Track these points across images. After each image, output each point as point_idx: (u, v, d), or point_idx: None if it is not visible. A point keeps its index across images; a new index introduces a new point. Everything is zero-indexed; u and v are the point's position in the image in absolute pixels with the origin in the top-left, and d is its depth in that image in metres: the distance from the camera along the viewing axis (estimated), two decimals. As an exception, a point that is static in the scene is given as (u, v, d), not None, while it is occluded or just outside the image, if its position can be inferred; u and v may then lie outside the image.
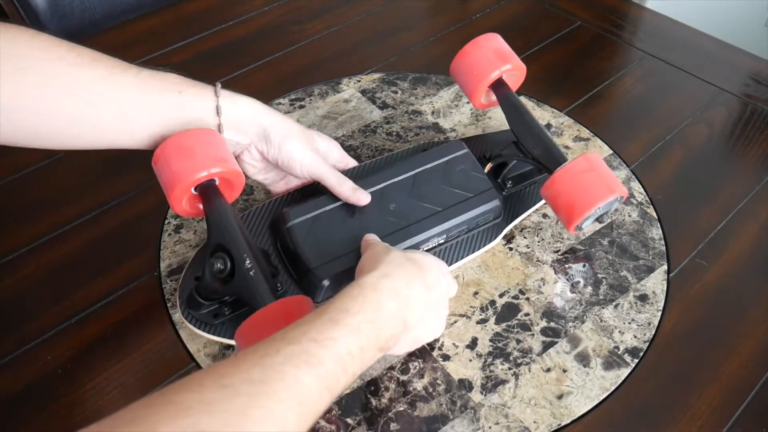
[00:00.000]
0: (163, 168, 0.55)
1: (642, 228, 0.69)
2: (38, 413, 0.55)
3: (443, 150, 0.67)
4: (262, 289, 0.52)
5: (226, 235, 0.54)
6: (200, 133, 0.56)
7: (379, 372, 0.57)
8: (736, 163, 0.78)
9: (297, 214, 0.61)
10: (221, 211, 0.55)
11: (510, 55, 0.68)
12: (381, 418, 0.54)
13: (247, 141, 0.61)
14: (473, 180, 0.66)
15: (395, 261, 0.50)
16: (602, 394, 0.56)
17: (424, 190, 0.64)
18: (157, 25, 0.97)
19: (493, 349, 0.59)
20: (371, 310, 0.45)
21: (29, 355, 0.58)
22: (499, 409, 0.55)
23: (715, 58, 0.92)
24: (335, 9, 1.00)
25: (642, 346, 0.59)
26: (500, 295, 0.63)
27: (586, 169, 0.61)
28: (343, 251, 0.59)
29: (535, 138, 0.65)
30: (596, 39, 0.95)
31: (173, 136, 0.55)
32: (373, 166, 0.69)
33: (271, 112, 0.61)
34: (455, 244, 0.65)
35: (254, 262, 0.53)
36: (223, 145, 0.57)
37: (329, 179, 0.62)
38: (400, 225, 0.62)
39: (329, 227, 0.61)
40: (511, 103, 0.67)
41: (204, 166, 0.54)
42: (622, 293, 0.63)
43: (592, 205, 0.60)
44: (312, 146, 0.62)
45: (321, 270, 0.58)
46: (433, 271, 0.52)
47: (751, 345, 0.60)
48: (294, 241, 0.60)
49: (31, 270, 0.65)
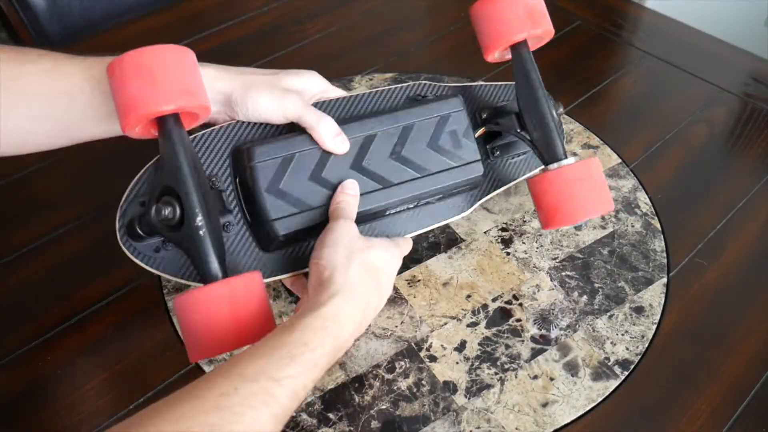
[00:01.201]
0: (117, 87, 0.47)
1: (644, 239, 0.68)
2: (38, 413, 0.55)
3: (438, 106, 0.61)
4: (209, 254, 0.48)
5: (179, 183, 0.48)
6: (167, 52, 0.47)
7: (365, 369, 0.57)
8: (736, 163, 0.78)
9: (263, 153, 0.54)
10: (178, 152, 0.48)
11: (542, 18, 0.60)
12: (363, 415, 0.54)
13: (215, 109, 0.56)
14: (462, 147, 0.61)
15: (356, 279, 0.49)
16: (588, 405, 0.55)
17: (406, 150, 0.59)
18: (157, 25, 0.97)
19: (481, 353, 0.59)
20: (330, 344, 0.45)
21: (29, 355, 0.58)
22: (481, 413, 0.55)
23: (715, 57, 0.92)
24: (335, 9, 1.00)
25: (633, 359, 0.58)
26: (493, 299, 0.63)
27: (583, 177, 0.57)
28: (306, 205, 0.55)
29: (539, 119, 0.60)
30: (596, 39, 0.95)
31: (134, 50, 0.47)
32: (357, 104, 0.61)
33: (225, 72, 0.55)
34: (425, 210, 0.62)
35: (206, 221, 0.48)
36: (191, 71, 0.49)
37: (306, 119, 0.55)
38: (372, 186, 0.57)
39: (296, 175, 0.55)
40: (525, 72, 0.60)
41: (166, 99, 0.47)
42: (617, 304, 0.63)
43: (577, 218, 0.58)
44: (281, 88, 0.56)
45: (279, 224, 0.54)
46: (390, 273, 0.54)
47: (751, 345, 0.60)
48: (255, 185, 0.54)
49: (31, 270, 0.65)
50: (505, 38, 0.59)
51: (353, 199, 0.56)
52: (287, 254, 0.57)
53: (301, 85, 0.58)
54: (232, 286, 0.47)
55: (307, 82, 0.59)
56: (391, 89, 0.62)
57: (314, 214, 0.55)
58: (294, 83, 0.58)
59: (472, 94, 0.66)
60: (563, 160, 0.59)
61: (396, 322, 0.61)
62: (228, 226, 0.55)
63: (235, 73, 0.56)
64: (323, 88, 0.60)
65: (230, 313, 0.47)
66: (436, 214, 0.62)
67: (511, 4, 0.59)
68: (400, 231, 0.61)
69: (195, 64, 0.50)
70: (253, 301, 0.48)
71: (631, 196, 0.72)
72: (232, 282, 0.48)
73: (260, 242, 0.56)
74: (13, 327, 0.60)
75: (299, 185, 0.55)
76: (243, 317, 0.47)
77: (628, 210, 0.71)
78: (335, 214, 0.54)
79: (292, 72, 0.59)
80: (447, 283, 0.64)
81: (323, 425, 0.54)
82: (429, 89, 0.64)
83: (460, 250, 0.67)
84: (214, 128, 0.56)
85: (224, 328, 0.47)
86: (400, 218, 0.61)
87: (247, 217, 0.56)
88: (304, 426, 0.54)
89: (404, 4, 1.02)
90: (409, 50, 0.92)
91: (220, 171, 0.56)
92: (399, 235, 0.61)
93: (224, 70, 0.56)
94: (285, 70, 0.59)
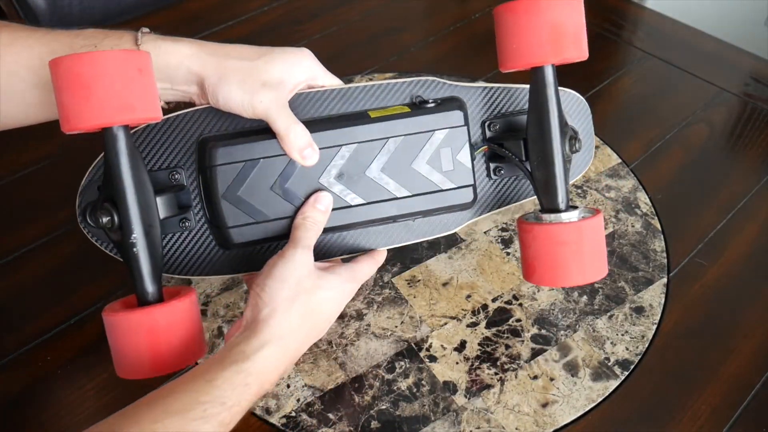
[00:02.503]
0: (56, 91, 0.43)
1: (644, 239, 0.68)
2: (38, 413, 0.55)
3: (434, 119, 0.53)
4: (140, 272, 0.46)
5: (116, 196, 0.46)
6: (108, 60, 0.43)
7: (365, 369, 0.57)
8: (736, 163, 0.78)
9: (226, 155, 0.50)
10: (116, 164, 0.45)
11: (573, 43, 0.50)
12: (363, 416, 0.54)
13: (191, 90, 0.51)
14: (454, 169, 0.54)
15: (294, 325, 0.47)
16: (588, 405, 0.55)
17: (388, 168, 0.53)
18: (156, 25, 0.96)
19: (481, 353, 0.59)
20: (249, 400, 0.43)
21: (29, 355, 0.58)
22: (481, 413, 0.55)
23: (715, 57, 0.92)
24: (335, 9, 1.00)
25: (633, 359, 0.58)
26: (493, 299, 0.63)
27: (575, 241, 0.50)
28: (265, 216, 0.52)
29: (545, 158, 0.51)
30: (596, 39, 0.95)
31: (73, 56, 0.42)
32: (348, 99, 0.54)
33: (201, 52, 0.50)
34: (405, 225, 0.56)
35: (142, 237, 0.46)
36: (137, 80, 0.44)
37: (276, 124, 0.50)
38: (341, 203, 0.53)
39: (258, 183, 0.51)
40: (540, 98, 0.51)
41: (102, 115, 0.43)
42: (618, 304, 0.63)
43: (558, 284, 0.54)
44: (258, 81, 0.50)
45: (234, 232, 0.51)
46: (335, 312, 0.51)
47: (751, 345, 0.60)
48: (214, 188, 0.51)
49: (31, 270, 0.65)
50: (522, 62, 0.51)
51: (321, 216, 0.52)
52: (248, 254, 0.55)
53: (285, 73, 0.51)
54: (153, 317, 0.45)
55: (292, 68, 0.52)
56: (390, 84, 0.55)
57: (273, 226, 0.52)
58: (275, 72, 0.51)
59: (485, 97, 0.57)
60: (561, 213, 0.51)
61: (396, 322, 0.61)
62: (185, 222, 0.53)
63: (212, 53, 0.50)
64: (312, 74, 0.53)
65: (149, 343, 0.45)
66: (417, 230, 0.57)
67: (535, 23, 0.49)
68: (375, 244, 0.56)
69: (144, 70, 0.45)
70: (177, 330, 0.46)
71: (631, 196, 0.72)
72: (154, 312, 0.45)
73: (219, 241, 0.54)
74: (13, 327, 0.60)
75: (260, 194, 0.51)
76: (164, 347, 0.46)
77: (628, 210, 0.71)
78: (295, 236, 0.50)
79: (277, 54, 0.51)
80: (447, 283, 0.64)
81: (323, 425, 0.54)
82: (434, 88, 0.56)
83: (460, 250, 0.67)
84: (185, 113, 0.52)
85: (144, 355, 0.45)
86: (377, 231, 0.55)
87: (207, 213, 0.53)
88: (304, 426, 0.54)
89: (404, 4, 1.02)
90: (409, 50, 0.92)
91: (187, 161, 0.52)
92: (373, 248, 0.56)
93: (201, 48, 0.51)
94: (271, 51, 0.51)
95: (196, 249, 0.54)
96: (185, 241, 0.54)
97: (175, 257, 0.54)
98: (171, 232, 0.53)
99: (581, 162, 0.60)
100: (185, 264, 0.54)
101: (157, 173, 0.52)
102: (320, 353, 0.59)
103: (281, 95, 0.50)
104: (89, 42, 0.49)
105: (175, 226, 0.53)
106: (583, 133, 0.59)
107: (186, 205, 0.53)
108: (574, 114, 0.59)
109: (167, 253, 0.54)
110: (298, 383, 0.56)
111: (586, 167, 0.61)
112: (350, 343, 0.59)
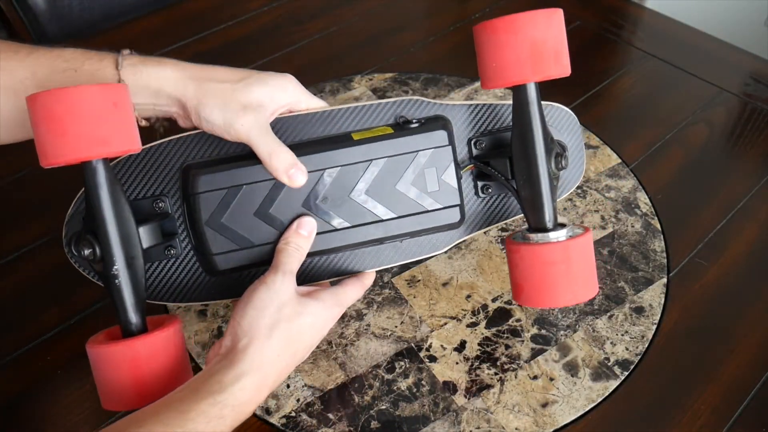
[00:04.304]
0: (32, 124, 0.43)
1: (644, 239, 0.68)
2: (38, 413, 0.55)
3: (417, 140, 0.53)
4: (122, 303, 0.46)
5: (99, 229, 0.46)
6: (83, 95, 0.43)
7: (365, 369, 0.57)
8: (736, 163, 0.78)
9: (209, 182, 0.50)
10: (94, 197, 0.45)
11: (553, 61, 0.49)
12: (362, 416, 0.54)
13: (175, 110, 0.51)
14: (440, 189, 0.54)
15: (272, 354, 0.46)
16: (588, 405, 0.55)
17: (372, 190, 0.52)
18: (156, 25, 0.97)
19: (481, 353, 0.59)
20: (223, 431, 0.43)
21: (29, 355, 0.58)
22: (481, 413, 0.55)
23: (715, 57, 0.92)
24: (335, 9, 1.00)
25: (633, 359, 0.58)
26: (493, 299, 0.63)
27: (562, 261, 0.48)
28: (249, 243, 0.52)
29: (530, 177, 0.50)
30: (596, 39, 0.95)
31: (48, 92, 0.42)
32: (331, 122, 0.54)
33: (182, 75, 0.50)
34: (392, 247, 0.55)
35: (124, 269, 0.46)
36: (113, 114, 0.44)
37: (259, 148, 0.49)
38: (325, 227, 0.52)
39: (241, 209, 0.51)
40: (523, 117, 0.50)
41: (76, 150, 0.43)
42: (617, 304, 0.63)
43: (546, 305, 0.53)
44: (238, 104, 0.49)
45: (219, 259, 0.52)
46: (317, 338, 0.50)
47: (751, 345, 0.60)
48: (198, 216, 0.51)
49: (31, 270, 0.65)
50: (503, 80, 0.50)
51: (305, 242, 0.51)
52: (234, 279, 0.54)
53: (266, 96, 0.51)
54: (135, 349, 0.45)
55: (273, 91, 0.51)
56: (374, 105, 0.54)
57: (258, 252, 0.52)
58: (256, 95, 0.50)
59: (471, 115, 0.56)
60: (549, 232, 0.50)
61: (396, 323, 0.61)
62: (170, 250, 0.53)
63: (192, 78, 0.50)
64: (294, 99, 0.53)
65: (133, 374, 0.45)
66: (405, 251, 0.56)
67: (513, 41, 0.48)
68: (362, 266, 0.55)
69: (119, 103, 0.45)
70: (161, 360, 0.46)
71: (631, 196, 0.72)
72: (136, 344, 0.45)
73: (205, 268, 0.54)
74: (13, 327, 0.60)
75: (244, 221, 0.51)
76: (148, 378, 0.46)
77: (628, 210, 0.71)
78: (277, 261, 0.50)
79: (261, 78, 0.51)
80: (447, 284, 0.64)
81: (323, 425, 0.54)
82: (419, 108, 0.55)
83: (460, 250, 0.67)
84: (168, 141, 0.52)
85: (128, 387, 0.45)
86: (364, 253, 0.55)
87: (192, 239, 0.53)
88: (304, 426, 0.54)
89: (404, 4, 1.02)
90: (409, 50, 0.92)
91: (171, 189, 0.53)
92: (360, 270, 0.55)
93: (183, 71, 0.51)
94: (254, 75, 0.51)
95: (183, 276, 0.54)
96: (172, 268, 0.54)
97: (163, 284, 0.54)
98: (157, 260, 0.53)
99: (572, 177, 0.59)
100: (172, 291, 0.54)
101: (141, 202, 0.52)
102: (320, 353, 0.59)
103: (262, 118, 0.50)
104: (70, 66, 0.49)
105: (161, 254, 0.53)
106: (572, 147, 0.58)
107: (172, 232, 0.53)
108: (563, 128, 0.58)
109: (154, 281, 0.53)
110: (298, 383, 0.56)
111: (576, 183, 0.60)
112: (350, 343, 0.59)
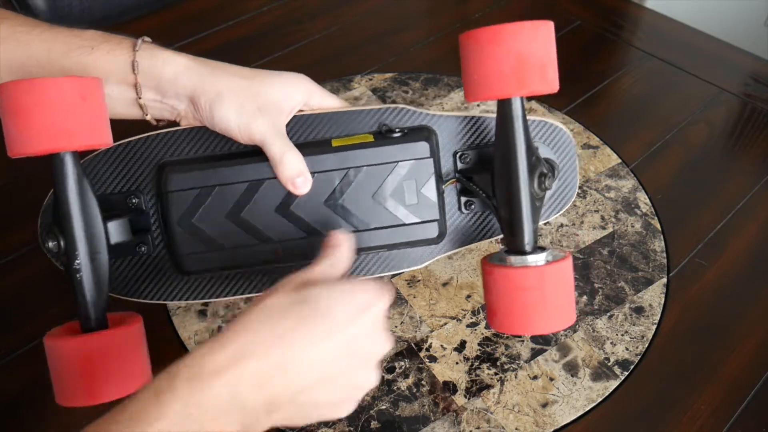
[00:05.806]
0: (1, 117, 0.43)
1: (644, 239, 0.68)
2: (38, 413, 0.55)
3: (398, 150, 0.51)
4: (83, 298, 0.46)
5: (64, 222, 0.45)
6: (46, 87, 0.42)
7: (368, 370, 0.57)
8: (736, 163, 0.78)
9: (181, 181, 0.50)
10: (60, 190, 0.45)
11: (538, 76, 0.46)
12: (362, 416, 0.54)
13: (182, 106, 0.51)
14: (419, 202, 0.52)
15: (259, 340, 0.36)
16: (588, 405, 0.55)
17: (346, 199, 0.51)
18: (157, 25, 0.97)
19: (481, 353, 0.59)
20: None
21: (29, 355, 0.58)
22: (481, 413, 0.55)
23: (715, 58, 0.92)
24: (335, 9, 1.00)
25: (633, 359, 0.58)
26: (497, 296, 0.63)
27: (537, 287, 0.45)
28: (219, 245, 0.51)
29: (510, 198, 0.48)
30: (596, 39, 0.95)
31: (15, 82, 0.42)
32: (312, 126, 0.53)
33: (200, 69, 0.49)
34: (372, 256, 0.54)
35: (86, 263, 0.45)
36: (82, 106, 0.43)
37: (271, 149, 0.49)
38: (296, 234, 0.51)
39: (212, 211, 0.50)
40: (506, 133, 0.47)
41: (39, 144, 0.43)
42: (617, 304, 0.62)
43: (519, 332, 0.49)
44: (255, 104, 0.49)
45: (190, 260, 0.51)
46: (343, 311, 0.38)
47: (751, 345, 0.60)
48: (169, 215, 0.50)
49: (31, 270, 0.65)
50: (487, 94, 0.47)
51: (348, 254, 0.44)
52: (206, 281, 0.54)
53: (282, 96, 0.50)
54: (90, 344, 0.44)
55: (290, 92, 0.51)
56: (358, 111, 0.53)
57: (229, 255, 0.51)
58: (273, 94, 0.50)
59: (459, 126, 0.54)
60: (527, 255, 0.47)
61: (396, 322, 0.61)
62: (141, 247, 0.52)
63: (209, 72, 0.49)
64: (309, 94, 0.52)
65: (86, 370, 0.44)
66: (381, 263, 0.54)
67: (496, 53, 0.46)
68: None
69: (88, 97, 0.44)
70: (118, 358, 0.45)
71: (631, 196, 0.72)
72: (92, 339, 0.45)
73: (176, 267, 0.53)
74: (13, 327, 0.60)
75: (214, 222, 0.50)
76: (102, 375, 0.45)
77: (628, 210, 0.71)
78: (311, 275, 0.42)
79: (275, 77, 0.51)
80: (447, 284, 0.64)
81: (323, 425, 0.54)
82: (406, 116, 0.53)
83: (460, 250, 0.67)
84: (147, 137, 0.52)
85: (81, 383, 0.44)
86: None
87: (165, 237, 0.52)
88: (304, 426, 0.54)
89: (404, 4, 1.02)
90: (409, 50, 0.92)
91: (147, 185, 0.52)
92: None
93: (198, 64, 0.50)
94: (268, 74, 0.51)
95: (154, 273, 0.53)
96: (143, 265, 0.53)
97: (133, 280, 0.53)
98: (130, 256, 0.52)
99: (562, 198, 0.57)
100: (142, 288, 0.53)
101: (115, 197, 0.52)
102: (320, 353, 0.58)
103: (278, 121, 0.49)
104: (87, 44, 0.48)
105: (131, 251, 0.52)
106: (565, 168, 0.57)
107: (145, 228, 0.52)
108: (558, 148, 0.56)
109: (124, 276, 0.53)
110: (298, 383, 0.56)
111: (566, 206, 0.58)
112: (350, 343, 0.59)
